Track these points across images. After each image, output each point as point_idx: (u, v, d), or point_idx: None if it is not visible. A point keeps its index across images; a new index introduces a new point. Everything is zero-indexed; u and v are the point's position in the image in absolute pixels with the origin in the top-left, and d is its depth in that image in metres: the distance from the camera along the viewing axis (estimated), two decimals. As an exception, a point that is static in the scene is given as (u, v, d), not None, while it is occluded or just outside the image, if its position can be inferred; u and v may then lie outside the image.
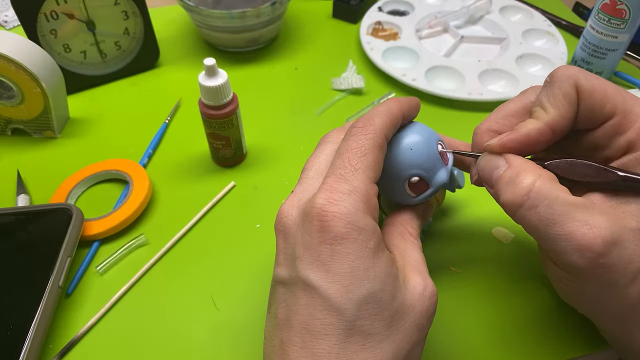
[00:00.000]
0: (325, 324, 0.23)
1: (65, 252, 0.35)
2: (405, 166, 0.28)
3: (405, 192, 0.29)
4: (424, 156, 0.28)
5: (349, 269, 0.23)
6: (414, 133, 0.28)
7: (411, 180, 0.28)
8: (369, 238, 0.23)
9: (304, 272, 0.23)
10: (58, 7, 0.47)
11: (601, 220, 0.24)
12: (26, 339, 0.31)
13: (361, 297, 0.22)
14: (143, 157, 0.45)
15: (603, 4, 0.49)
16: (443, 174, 0.29)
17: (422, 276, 0.25)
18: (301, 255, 0.23)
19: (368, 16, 0.61)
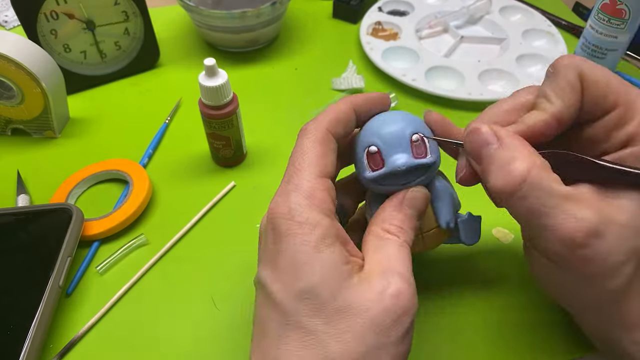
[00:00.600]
0: (269, 320, 0.23)
1: (65, 252, 0.35)
2: (369, 134, 0.28)
3: (364, 164, 0.28)
4: (390, 131, 0.27)
5: (289, 264, 0.23)
6: (401, 113, 0.28)
7: (369, 149, 0.27)
8: (309, 231, 0.23)
9: (260, 273, 0.25)
10: (58, 7, 0.47)
11: (588, 213, 0.23)
12: (26, 339, 0.31)
13: (298, 292, 0.22)
14: (143, 157, 0.45)
15: (603, 4, 0.49)
16: (401, 159, 0.26)
17: (386, 275, 0.23)
18: (260, 257, 0.25)
19: (368, 16, 0.61)
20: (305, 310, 0.22)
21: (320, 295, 0.22)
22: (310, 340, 0.22)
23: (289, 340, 0.22)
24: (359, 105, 0.28)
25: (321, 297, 0.22)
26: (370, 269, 0.24)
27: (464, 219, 0.31)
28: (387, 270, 0.23)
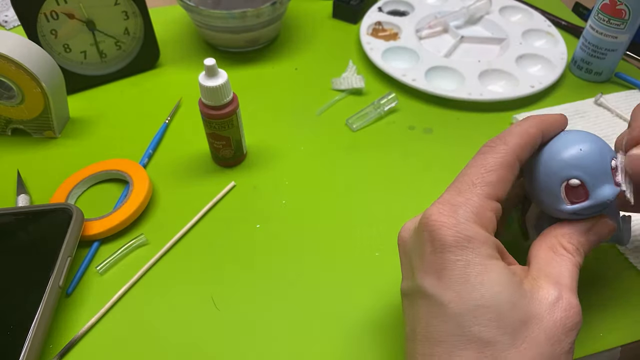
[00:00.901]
0: (441, 331, 0.23)
1: (65, 252, 0.35)
2: (566, 165, 0.25)
3: (560, 196, 0.26)
4: (593, 160, 0.25)
5: (461, 276, 0.23)
6: (586, 135, 0.26)
7: (570, 182, 0.25)
8: (479, 246, 0.23)
9: (420, 281, 0.24)
10: (58, 7, 0.47)
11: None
12: (26, 339, 0.31)
13: (475, 303, 0.22)
14: (143, 157, 0.45)
15: (603, 4, 0.49)
16: (608, 190, 0.25)
17: (558, 287, 0.23)
18: (417, 265, 0.25)
19: (368, 16, 0.61)
20: (483, 321, 0.22)
21: (498, 306, 0.22)
22: (488, 351, 0.22)
23: (465, 352, 0.22)
24: (546, 128, 0.27)
25: (499, 307, 0.22)
26: (539, 275, 0.24)
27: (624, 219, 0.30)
28: (558, 282, 0.24)
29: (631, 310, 0.35)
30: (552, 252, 0.25)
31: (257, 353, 0.33)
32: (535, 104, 0.52)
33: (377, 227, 0.40)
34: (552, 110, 0.49)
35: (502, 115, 0.50)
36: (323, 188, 0.43)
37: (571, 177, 0.25)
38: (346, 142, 0.47)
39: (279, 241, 0.39)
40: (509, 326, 0.22)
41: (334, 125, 0.49)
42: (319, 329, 0.34)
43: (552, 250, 0.25)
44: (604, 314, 0.35)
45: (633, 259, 0.37)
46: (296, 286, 0.36)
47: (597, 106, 0.50)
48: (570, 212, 0.26)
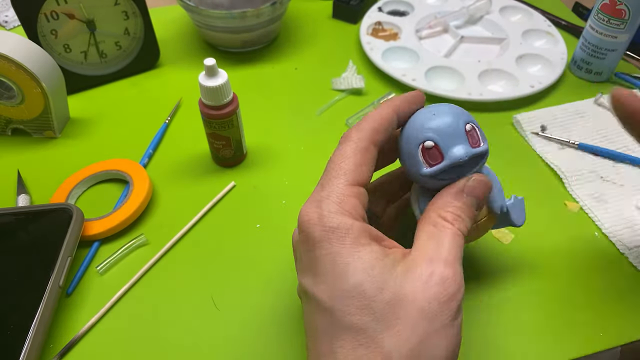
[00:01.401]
0: (320, 326, 0.23)
1: (65, 252, 0.35)
2: (421, 129, 0.27)
3: (419, 160, 0.27)
4: (445, 123, 0.26)
5: (329, 269, 0.23)
6: (442, 105, 0.28)
7: (425, 144, 0.26)
8: (344, 235, 0.23)
9: (301, 281, 0.25)
10: (58, 8, 0.47)
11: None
12: (26, 339, 0.31)
13: (344, 293, 0.22)
14: (143, 157, 0.45)
15: (603, 4, 0.49)
16: (461, 150, 0.26)
17: (432, 263, 0.23)
18: (298, 266, 0.26)
19: (368, 16, 0.61)
20: (353, 309, 0.22)
21: (366, 292, 0.22)
22: (363, 339, 0.22)
23: (343, 342, 0.22)
24: (399, 107, 0.28)
25: (367, 293, 0.22)
26: (416, 256, 0.24)
27: (512, 202, 0.31)
28: (434, 258, 0.24)
29: (631, 310, 0.35)
30: (433, 227, 0.25)
31: (257, 353, 0.33)
32: (535, 104, 0.52)
33: (377, 227, 0.40)
34: (551, 110, 0.49)
35: (502, 115, 0.50)
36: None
37: (425, 139, 0.26)
38: (346, 142, 0.47)
39: (279, 241, 0.39)
40: (378, 310, 0.22)
41: (334, 125, 0.49)
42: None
43: (432, 225, 0.25)
44: (604, 314, 0.35)
45: (633, 259, 0.37)
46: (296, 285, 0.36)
47: (597, 106, 0.50)
48: (429, 174, 0.27)
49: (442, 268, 0.23)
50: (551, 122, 0.48)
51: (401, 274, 0.23)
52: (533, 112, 0.49)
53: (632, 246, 0.38)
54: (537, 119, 0.49)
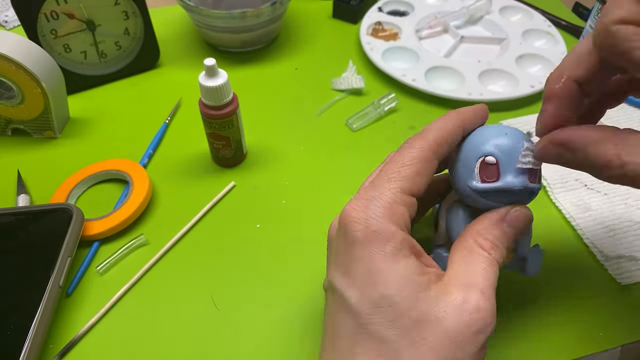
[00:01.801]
0: (343, 325, 0.23)
1: (65, 252, 0.35)
2: (487, 142, 0.26)
3: (474, 172, 0.26)
4: (514, 147, 0.25)
5: (364, 272, 0.23)
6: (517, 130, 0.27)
7: (486, 158, 0.25)
8: (385, 242, 0.23)
9: (331, 277, 0.24)
10: (58, 7, 0.47)
11: None
12: (26, 339, 0.31)
13: (374, 300, 0.22)
14: (143, 157, 0.45)
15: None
16: (518, 179, 0.25)
17: (466, 290, 0.23)
18: (331, 261, 0.25)
19: (368, 16, 0.61)
20: (380, 319, 0.22)
21: (396, 305, 0.22)
22: (385, 351, 0.22)
23: (364, 348, 0.22)
24: (466, 121, 0.27)
25: (398, 307, 0.22)
26: (450, 281, 0.23)
27: (534, 250, 0.30)
28: (469, 285, 0.23)
29: (631, 310, 0.35)
30: (468, 253, 0.24)
31: (257, 353, 0.33)
32: (535, 104, 0.52)
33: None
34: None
35: (502, 115, 0.50)
36: (323, 188, 0.43)
37: (489, 153, 0.26)
38: (346, 142, 0.47)
39: (279, 241, 0.39)
40: (405, 327, 0.22)
41: (334, 125, 0.49)
42: (319, 328, 0.34)
43: (468, 250, 0.25)
44: (603, 314, 0.35)
45: (612, 271, 0.37)
46: (296, 286, 0.36)
47: None
48: (479, 190, 0.26)
49: (478, 296, 0.22)
50: None
51: (435, 296, 0.22)
52: (519, 119, 0.48)
53: (612, 256, 0.37)
54: (523, 125, 0.48)
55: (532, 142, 0.27)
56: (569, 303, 0.35)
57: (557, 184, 0.42)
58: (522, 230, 0.26)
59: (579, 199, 0.41)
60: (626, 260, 0.37)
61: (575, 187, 0.42)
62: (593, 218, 0.40)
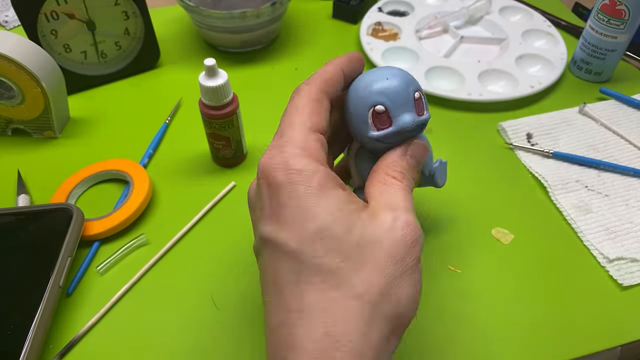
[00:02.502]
0: (286, 272, 0.22)
1: (65, 252, 0.35)
2: (374, 92, 0.27)
3: (368, 122, 0.27)
4: (397, 89, 0.27)
5: (296, 212, 0.22)
6: (394, 68, 0.28)
7: (376, 108, 0.27)
8: (310, 177, 0.23)
9: (262, 232, 0.24)
10: (58, 8, 0.47)
11: None
12: (26, 339, 0.31)
13: (312, 235, 0.22)
14: (143, 157, 0.45)
15: (602, 5, 0.49)
16: (408, 117, 0.27)
17: (394, 210, 0.24)
18: (259, 217, 0.24)
19: (368, 17, 0.61)
20: (322, 250, 0.22)
21: (335, 234, 0.22)
22: (333, 280, 0.22)
23: (312, 285, 0.22)
24: (345, 66, 0.28)
25: (336, 235, 0.22)
26: (376, 207, 0.24)
27: (437, 165, 0.33)
28: (394, 207, 0.24)
29: (630, 310, 0.35)
30: (383, 185, 0.26)
31: (257, 353, 0.33)
32: (535, 104, 0.52)
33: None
34: (540, 118, 0.49)
35: (501, 116, 0.50)
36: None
37: (377, 103, 0.27)
38: (346, 142, 0.47)
39: (279, 241, 0.39)
40: (347, 251, 0.22)
41: (334, 126, 0.49)
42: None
43: (382, 183, 0.26)
44: (603, 314, 0.35)
45: (614, 272, 0.37)
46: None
47: (583, 115, 0.50)
48: (376, 138, 0.27)
49: (405, 214, 0.24)
50: (537, 130, 0.47)
51: (367, 218, 0.23)
52: (519, 120, 0.48)
53: (612, 258, 0.37)
54: (523, 126, 0.48)
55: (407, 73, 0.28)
56: (569, 303, 0.35)
57: (558, 185, 0.42)
58: (422, 159, 0.28)
59: (580, 200, 0.41)
60: (627, 262, 0.37)
61: (576, 189, 0.42)
62: (594, 220, 0.40)
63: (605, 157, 0.45)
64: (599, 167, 0.44)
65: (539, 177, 0.43)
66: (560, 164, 0.45)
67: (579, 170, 0.44)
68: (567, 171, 0.44)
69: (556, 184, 0.42)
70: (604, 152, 0.46)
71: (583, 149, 0.46)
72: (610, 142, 0.47)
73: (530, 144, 0.46)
